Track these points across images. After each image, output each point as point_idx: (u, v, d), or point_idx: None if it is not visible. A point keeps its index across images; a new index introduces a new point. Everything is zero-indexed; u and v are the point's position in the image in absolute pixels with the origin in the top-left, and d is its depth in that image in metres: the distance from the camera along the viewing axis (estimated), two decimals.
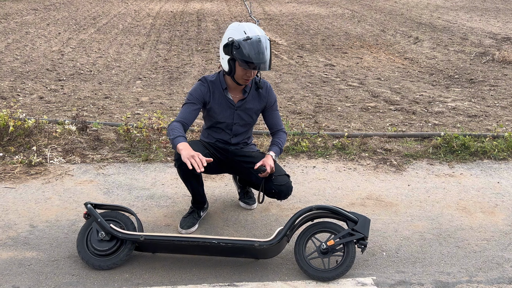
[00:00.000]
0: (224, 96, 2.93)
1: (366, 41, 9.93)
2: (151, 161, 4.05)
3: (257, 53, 2.70)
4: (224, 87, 2.92)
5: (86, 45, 9.00)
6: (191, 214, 3.13)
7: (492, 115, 5.54)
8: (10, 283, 2.53)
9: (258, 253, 2.69)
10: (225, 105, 2.94)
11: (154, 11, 13.55)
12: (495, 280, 2.65)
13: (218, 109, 2.93)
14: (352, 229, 2.67)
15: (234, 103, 2.95)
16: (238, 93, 2.96)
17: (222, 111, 2.94)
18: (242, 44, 2.70)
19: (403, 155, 4.29)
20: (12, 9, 13.10)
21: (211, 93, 2.91)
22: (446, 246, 2.96)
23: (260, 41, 2.72)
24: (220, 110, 2.94)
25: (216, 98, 2.92)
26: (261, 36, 2.75)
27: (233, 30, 2.77)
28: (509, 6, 15.67)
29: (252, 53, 2.70)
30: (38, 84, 6.42)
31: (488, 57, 8.52)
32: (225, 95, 2.93)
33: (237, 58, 2.73)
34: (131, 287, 2.53)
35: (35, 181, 3.65)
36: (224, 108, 2.94)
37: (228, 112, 2.95)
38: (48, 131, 4.46)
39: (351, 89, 6.56)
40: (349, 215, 2.71)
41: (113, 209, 2.88)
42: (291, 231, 2.71)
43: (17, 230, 3.01)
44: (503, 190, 3.72)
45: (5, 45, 8.78)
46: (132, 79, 6.85)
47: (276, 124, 3.09)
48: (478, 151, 4.32)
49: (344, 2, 16.60)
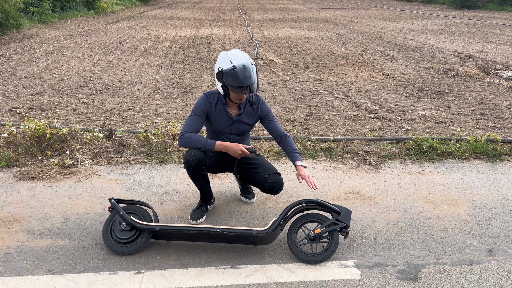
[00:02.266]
0: (224, 110, 2.90)
1: (350, 60, 9.91)
2: (167, 163, 4.04)
3: (243, 78, 2.69)
4: (223, 103, 2.90)
5: (113, 65, 9.01)
6: (199, 207, 3.11)
7: (457, 121, 5.51)
8: (46, 267, 2.52)
9: (256, 240, 2.68)
10: (224, 118, 2.91)
11: (171, 36, 13.57)
12: (458, 262, 2.63)
13: (219, 121, 2.91)
14: (336, 219, 2.65)
15: (232, 117, 2.92)
16: (235, 109, 2.93)
17: (222, 123, 2.92)
18: (230, 73, 2.69)
19: (380, 156, 4.27)
20: (51, 35, 13.14)
21: (212, 106, 2.89)
22: (417, 233, 2.94)
23: (245, 68, 2.69)
24: (220, 122, 2.91)
25: (217, 112, 2.90)
26: (246, 63, 2.71)
27: (222, 60, 2.75)
28: (471, 29, 15.62)
29: (239, 79, 2.69)
30: (72, 98, 6.42)
31: (453, 73, 8.49)
32: (225, 109, 2.90)
33: (227, 85, 2.73)
34: (148, 270, 2.52)
35: (68, 180, 3.65)
36: (224, 120, 2.91)
37: (227, 124, 2.93)
38: (80, 138, 4.46)
39: (336, 100, 6.54)
40: (333, 207, 2.69)
41: (133, 203, 2.87)
42: (284, 221, 2.70)
43: (52, 222, 3.00)
44: (465, 185, 3.69)
45: (45, 66, 8.80)
46: (152, 93, 6.85)
47: (277, 131, 3.00)
48: (444, 152, 4.30)
49: (331, 27, 16.59)
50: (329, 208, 2.70)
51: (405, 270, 2.54)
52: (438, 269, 2.56)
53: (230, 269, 2.54)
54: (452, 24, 17.29)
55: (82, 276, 2.45)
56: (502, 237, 2.90)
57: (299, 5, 28.85)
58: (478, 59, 9.62)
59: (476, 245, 2.81)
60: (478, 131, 5.09)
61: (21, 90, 6.82)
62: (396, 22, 18.02)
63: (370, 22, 18.26)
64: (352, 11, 24.15)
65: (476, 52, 10.80)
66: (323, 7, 27.15)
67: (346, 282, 2.44)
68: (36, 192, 3.41)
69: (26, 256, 2.62)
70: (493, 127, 5.25)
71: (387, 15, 21.40)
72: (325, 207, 2.71)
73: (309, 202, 2.72)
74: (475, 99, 6.63)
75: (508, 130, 5.14)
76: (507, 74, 8.39)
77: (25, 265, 2.53)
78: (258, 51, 10.70)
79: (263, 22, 18.29)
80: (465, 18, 19.98)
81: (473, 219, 3.13)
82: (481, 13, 22.89)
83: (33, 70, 8.37)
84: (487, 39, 13.07)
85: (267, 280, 2.45)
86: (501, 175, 3.90)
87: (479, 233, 2.95)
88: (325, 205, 2.70)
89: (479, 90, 7.18)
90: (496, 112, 5.92)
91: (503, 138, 4.63)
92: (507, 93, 6.96)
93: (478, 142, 4.38)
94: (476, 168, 4.03)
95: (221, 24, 17.55)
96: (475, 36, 13.75)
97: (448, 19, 19.66)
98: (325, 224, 2.66)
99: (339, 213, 2.68)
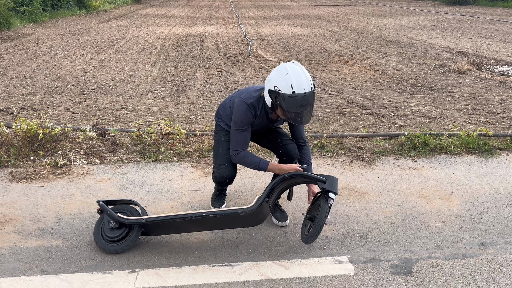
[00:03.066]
0: (266, 116, 2.77)
1: (343, 57, 9.92)
2: (160, 161, 4.03)
3: (299, 107, 2.46)
4: (268, 111, 2.73)
5: (105, 64, 8.95)
6: (218, 196, 3.21)
7: (449, 117, 5.54)
8: (39, 268, 2.51)
9: (245, 221, 2.63)
10: (264, 122, 2.79)
11: (163, 34, 13.50)
12: (451, 256, 2.65)
13: (257, 124, 2.79)
14: (322, 188, 2.59)
15: (271, 120, 2.82)
16: (275, 115, 2.77)
17: (260, 125, 2.82)
18: (287, 99, 2.43)
19: (374, 152, 4.29)
20: (43, 35, 13.03)
21: (255, 117, 2.73)
22: (410, 228, 2.95)
23: (305, 96, 2.42)
24: (259, 124, 2.81)
25: (259, 118, 2.75)
26: (307, 92, 2.43)
27: (281, 79, 2.46)
28: (463, 25, 15.71)
29: (294, 106, 2.45)
30: (64, 98, 6.38)
31: (445, 68, 8.53)
32: (267, 116, 2.77)
33: (279, 106, 2.51)
34: (143, 268, 2.51)
35: (61, 180, 3.63)
36: (263, 123, 2.81)
37: (264, 124, 2.84)
38: (72, 137, 4.43)
39: (330, 97, 6.55)
40: (318, 177, 2.61)
41: (121, 203, 2.86)
42: (269, 198, 2.63)
43: (45, 222, 2.98)
44: (458, 180, 3.72)
45: (36, 65, 8.73)
46: (145, 92, 6.82)
47: (300, 136, 2.91)
48: (436, 147, 4.32)
49: (324, 24, 16.60)
50: (314, 179, 2.63)
51: (398, 265, 2.56)
52: (431, 263, 2.58)
53: (225, 266, 2.54)
54: (444, 20, 17.38)
55: (76, 276, 2.44)
56: (494, 230, 2.93)
57: (292, 2, 28.84)
58: (470, 55, 9.68)
59: (469, 239, 2.83)
60: (470, 126, 5.13)
61: (13, 90, 6.76)
62: (389, 19, 18.07)
63: (363, 18, 18.30)
64: (344, 8, 24.18)
65: (468, 47, 10.87)
66: (316, 4, 27.16)
67: (341, 277, 2.45)
68: (28, 193, 3.39)
69: (19, 256, 2.60)
70: (485, 122, 5.29)
71: (380, 12, 21.45)
72: (310, 178, 2.64)
73: (293, 176, 2.65)
74: (467, 94, 6.67)
75: (499, 124, 5.18)
76: (498, 69, 8.45)
77: (18, 266, 2.52)
78: (251, 49, 10.69)
79: (256, 20, 18.26)
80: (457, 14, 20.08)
81: (466, 213, 3.16)
82: (472, 9, 23.02)
83: (24, 70, 8.30)
84: (478, 35, 13.15)
85: (262, 277, 2.45)
86: (493, 169, 3.93)
87: (472, 227, 2.98)
88: (310, 176, 2.64)
89: (471, 86, 7.22)
90: (488, 107, 5.96)
91: (494, 133, 4.67)
92: (498, 88, 7.01)
93: (470, 137, 4.41)
94: (468, 163, 4.06)
95: (214, 22, 17.49)
96: (467, 32, 13.83)
97: (440, 15, 19.75)
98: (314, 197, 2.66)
99: (324, 182, 2.59)
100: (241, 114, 2.66)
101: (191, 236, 2.85)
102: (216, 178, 2.92)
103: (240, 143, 2.70)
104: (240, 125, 2.68)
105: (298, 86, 2.42)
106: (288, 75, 2.44)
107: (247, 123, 2.68)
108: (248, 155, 2.71)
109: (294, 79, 2.42)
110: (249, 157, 2.71)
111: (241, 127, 2.68)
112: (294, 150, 2.86)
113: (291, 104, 2.45)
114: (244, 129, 2.69)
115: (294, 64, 2.51)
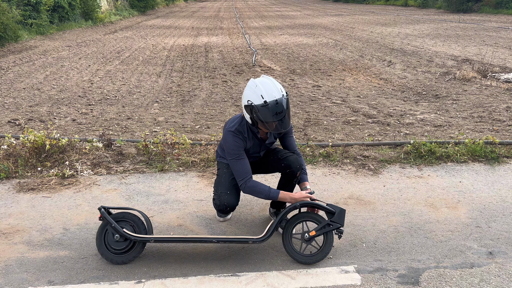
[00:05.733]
0: (256, 138, 2.85)
1: (347, 65, 9.95)
2: (166, 171, 4.05)
3: (274, 115, 2.55)
4: (255, 131, 2.82)
5: (111, 75, 9.05)
6: None
7: (455, 124, 5.52)
8: (46, 278, 2.52)
9: None
10: (256, 144, 2.88)
11: (169, 45, 13.64)
12: (459, 265, 2.63)
13: (251, 147, 2.87)
14: (330, 220, 2.67)
15: (263, 141, 2.90)
16: (262, 133, 2.86)
17: (254, 148, 2.90)
18: (261, 109, 2.55)
19: (379, 160, 4.28)
20: (50, 46, 13.21)
21: (246, 141, 2.81)
22: (417, 237, 2.94)
23: (277, 104, 2.54)
24: (252, 148, 2.88)
25: (250, 141, 2.83)
26: (278, 98, 2.54)
27: (251, 93, 2.59)
28: (467, 33, 15.72)
29: (269, 115, 2.55)
30: (71, 109, 6.45)
31: (450, 76, 8.53)
32: (257, 137, 2.85)
33: (257, 119, 2.62)
34: (149, 279, 2.52)
35: (67, 190, 3.66)
36: (256, 145, 2.89)
37: (258, 147, 2.91)
38: (79, 148, 4.47)
39: (335, 105, 6.56)
40: (327, 207, 2.70)
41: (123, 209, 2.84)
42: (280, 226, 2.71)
43: (52, 233, 3.00)
44: (465, 188, 3.70)
45: (43, 77, 8.84)
46: (150, 102, 6.87)
47: (293, 148, 2.97)
48: (442, 155, 4.31)
49: (328, 33, 16.68)
50: (323, 209, 2.72)
51: (405, 275, 2.54)
52: (439, 272, 2.56)
53: (231, 276, 2.54)
54: (449, 28, 17.40)
55: (83, 286, 2.45)
56: (502, 239, 2.91)
57: (296, 12, 29.03)
58: (475, 62, 9.67)
59: (476, 248, 2.81)
60: (476, 134, 5.11)
61: (20, 102, 6.85)
62: (393, 27, 18.12)
63: (367, 27, 18.37)
64: (348, 17, 24.30)
65: (473, 55, 10.86)
66: (320, 14, 27.32)
67: (347, 287, 2.44)
68: (35, 203, 3.42)
69: (26, 267, 2.62)
70: (491, 130, 5.27)
71: (384, 20, 21.53)
72: (320, 208, 2.73)
73: (304, 205, 2.72)
74: (472, 102, 6.65)
75: (506, 132, 5.16)
76: (504, 76, 8.43)
77: (26, 277, 2.53)
78: (255, 59, 10.75)
79: (261, 30, 18.39)
80: (461, 21, 20.10)
81: (473, 222, 3.14)
82: (477, 17, 23.04)
83: (32, 81, 8.41)
84: (483, 42, 13.14)
85: (268, 287, 2.45)
86: (500, 177, 3.90)
87: (479, 235, 2.95)
88: (320, 206, 2.72)
89: (477, 93, 7.21)
90: (494, 114, 5.94)
91: (501, 141, 4.65)
92: (504, 96, 6.99)
93: (476, 145, 4.40)
94: (475, 171, 4.04)
95: (218, 32, 17.64)
96: (472, 40, 13.83)
97: (444, 23, 19.78)
98: (320, 226, 2.68)
99: (333, 214, 2.68)
100: (230, 142, 2.73)
101: (197, 246, 2.85)
102: (217, 206, 2.93)
103: (242, 171, 2.73)
104: (234, 154, 2.73)
105: (268, 95, 2.54)
106: (257, 87, 2.57)
107: (240, 149, 2.73)
108: (257, 184, 2.73)
109: (264, 89, 2.55)
110: (258, 186, 2.73)
111: (236, 155, 2.73)
112: (296, 161, 2.87)
113: (266, 114, 2.55)
114: (239, 156, 2.73)
115: (263, 78, 2.64)
